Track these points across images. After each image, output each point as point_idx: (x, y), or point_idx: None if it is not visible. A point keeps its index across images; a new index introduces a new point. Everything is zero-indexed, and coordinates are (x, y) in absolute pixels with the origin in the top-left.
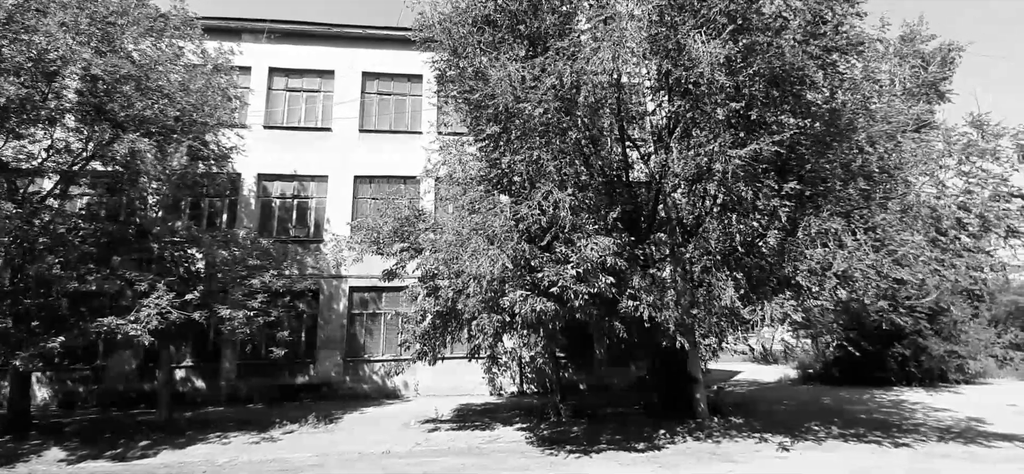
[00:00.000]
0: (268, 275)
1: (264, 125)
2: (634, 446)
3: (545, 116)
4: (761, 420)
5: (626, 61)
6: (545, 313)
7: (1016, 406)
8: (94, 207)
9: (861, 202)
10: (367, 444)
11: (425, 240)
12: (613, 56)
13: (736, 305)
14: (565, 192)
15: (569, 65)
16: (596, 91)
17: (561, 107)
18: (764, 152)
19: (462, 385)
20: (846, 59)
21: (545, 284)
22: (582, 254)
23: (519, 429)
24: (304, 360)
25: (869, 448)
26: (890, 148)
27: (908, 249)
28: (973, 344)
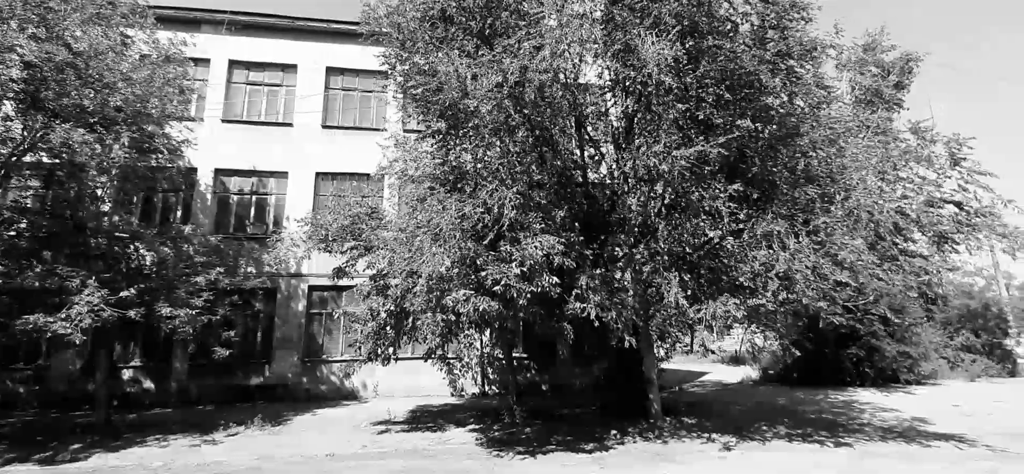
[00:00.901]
0: (215, 272)
1: (222, 119)
2: (582, 447)
3: (493, 113)
4: (714, 420)
5: (570, 60)
6: (489, 312)
7: (960, 407)
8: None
9: (805, 205)
10: (312, 447)
11: (376, 238)
12: (552, 53)
13: (682, 305)
14: (511, 190)
15: (514, 62)
16: (544, 90)
17: (510, 105)
18: (710, 154)
19: (422, 386)
20: (802, 64)
21: (489, 283)
22: (525, 252)
23: (471, 431)
24: (260, 360)
25: (811, 448)
26: (832, 153)
27: (847, 253)
28: (924, 346)
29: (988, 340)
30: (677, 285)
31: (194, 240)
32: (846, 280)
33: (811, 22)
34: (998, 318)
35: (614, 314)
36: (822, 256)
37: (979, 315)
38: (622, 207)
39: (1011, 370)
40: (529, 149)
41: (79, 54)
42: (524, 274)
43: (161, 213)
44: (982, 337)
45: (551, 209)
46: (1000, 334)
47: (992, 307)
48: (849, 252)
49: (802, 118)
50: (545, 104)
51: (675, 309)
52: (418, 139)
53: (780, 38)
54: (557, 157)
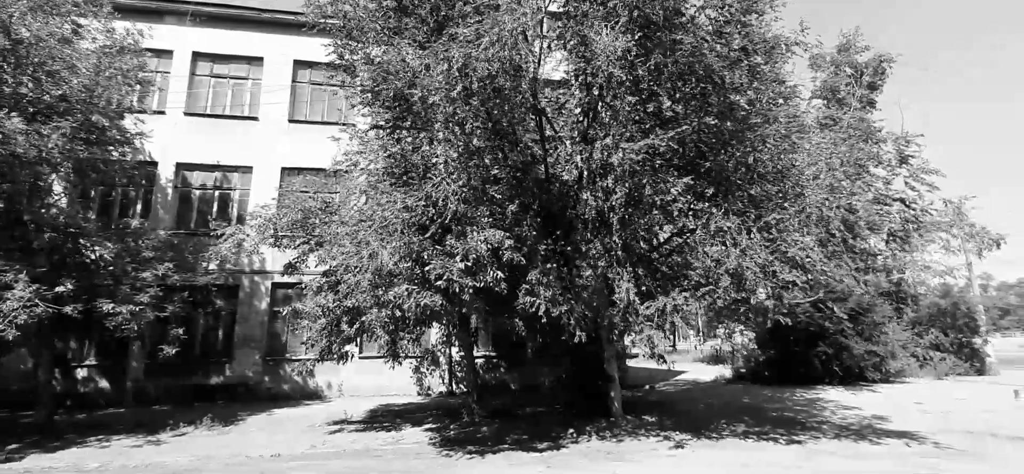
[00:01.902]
0: (163, 268)
1: (185, 112)
2: (535, 447)
3: (443, 105)
4: (675, 419)
5: (521, 51)
6: (432, 308)
7: (922, 404)
8: None
9: (759, 202)
10: (259, 447)
11: (327, 232)
12: (491, 42)
13: (633, 301)
14: (456, 183)
15: (457, 51)
16: (494, 80)
17: (459, 96)
18: (660, 147)
19: (389, 385)
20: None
21: (432, 278)
22: (467, 246)
23: (427, 430)
24: (221, 359)
25: (762, 445)
26: (784, 149)
27: (797, 250)
28: (891, 344)
29: (956, 338)
30: (628, 281)
31: (142, 235)
32: (794, 278)
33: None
34: (967, 317)
35: (565, 309)
36: (773, 253)
37: (948, 314)
38: (578, 203)
39: (979, 368)
40: (483, 142)
41: (20, 41)
42: (469, 269)
43: (120, 208)
44: (950, 336)
45: (504, 203)
46: (969, 333)
47: (962, 306)
48: (799, 249)
49: (756, 113)
50: (497, 96)
51: (626, 306)
52: (364, 131)
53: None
54: (513, 151)
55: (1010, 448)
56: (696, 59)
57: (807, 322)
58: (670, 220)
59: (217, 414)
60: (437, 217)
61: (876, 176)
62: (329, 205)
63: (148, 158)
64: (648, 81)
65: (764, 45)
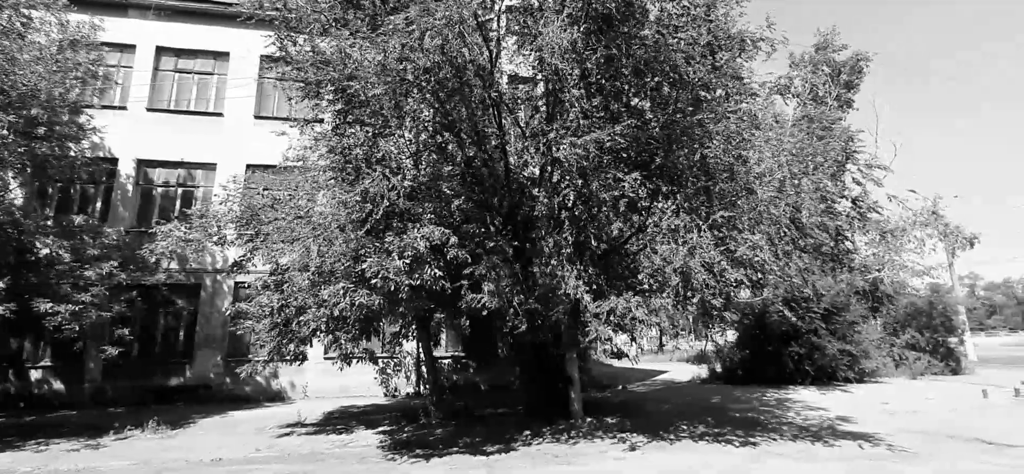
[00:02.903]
0: (108, 266)
1: (148, 108)
2: (484, 450)
3: (385, 98)
4: (637, 420)
5: (468, 43)
6: (370, 308)
7: (889, 405)
8: None
9: (710, 199)
10: (202, 451)
11: (273, 230)
12: (427, 31)
13: (582, 300)
14: (395, 177)
15: (397, 41)
16: (438, 72)
17: (400, 90)
18: (607, 142)
19: (354, 386)
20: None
21: (368, 276)
22: (404, 243)
23: (380, 433)
24: (181, 360)
25: (715, 448)
26: (737, 144)
27: (745, 249)
28: (865, 344)
29: (932, 338)
30: (576, 279)
31: (89, 232)
32: (741, 277)
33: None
34: (943, 317)
35: (513, 306)
36: (721, 252)
37: (924, 313)
38: (531, 198)
39: (955, 368)
40: (429, 137)
41: None
42: (408, 267)
43: (79, 205)
44: (926, 335)
45: (451, 200)
46: (944, 332)
47: (938, 306)
48: (747, 248)
49: (709, 109)
50: (442, 89)
51: (573, 305)
52: (301, 125)
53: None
54: (467, 146)
55: (963, 449)
56: (654, 54)
57: (780, 321)
58: (619, 217)
59: (169, 416)
60: (374, 214)
61: (824, 172)
62: (277, 201)
63: (108, 154)
64: (597, 75)
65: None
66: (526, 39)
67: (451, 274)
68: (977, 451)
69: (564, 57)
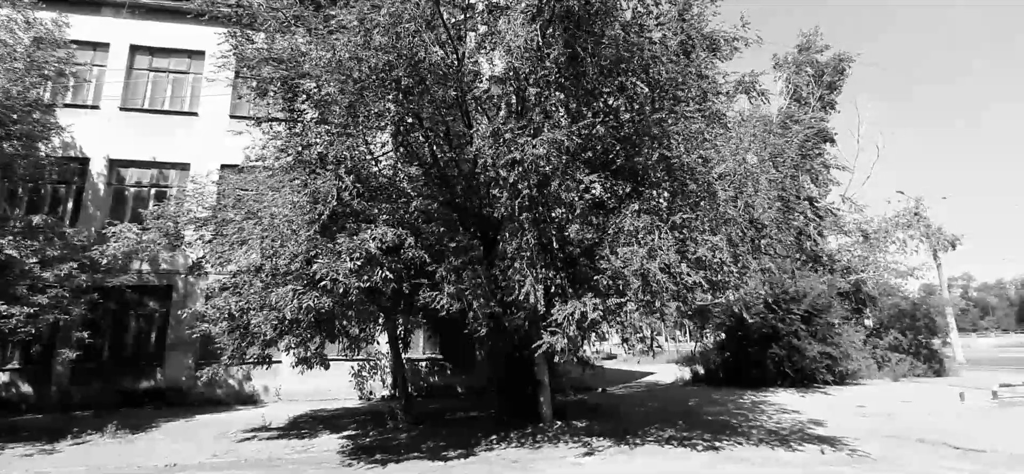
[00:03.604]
0: (67, 267)
1: (121, 107)
2: (445, 455)
3: (338, 95)
4: (607, 424)
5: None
6: (320, 309)
7: (865, 407)
8: None
9: (672, 200)
10: (158, 457)
11: (227, 232)
12: (369, 29)
13: (538, 302)
14: (348, 177)
15: (349, 39)
16: (391, 72)
17: (354, 87)
18: (564, 142)
19: (330, 388)
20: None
21: (317, 278)
22: (353, 245)
23: (344, 437)
24: (152, 364)
25: (677, 452)
26: (691, 147)
27: (704, 250)
28: (846, 345)
29: (915, 340)
30: (533, 282)
31: (49, 232)
32: (699, 280)
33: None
34: (927, 318)
35: (473, 310)
36: (681, 254)
37: (908, 315)
38: (495, 199)
39: (938, 370)
40: (394, 135)
41: None
42: (358, 268)
43: (50, 206)
44: (909, 337)
45: (411, 199)
46: (928, 334)
47: (921, 307)
48: (707, 249)
49: (668, 108)
50: (396, 88)
51: (532, 308)
52: (254, 123)
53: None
54: (432, 145)
55: (928, 455)
56: (624, 52)
57: (761, 323)
58: (579, 219)
59: (133, 421)
60: (323, 214)
61: (783, 170)
62: (241, 200)
63: (79, 154)
64: (557, 74)
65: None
66: (487, 38)
67: (411, 275)
68: (941, 456)
69: (523, 56)
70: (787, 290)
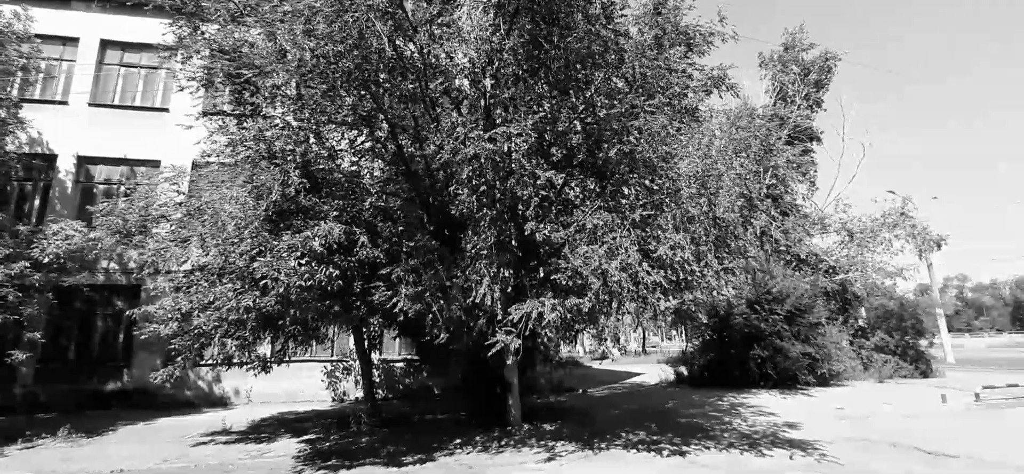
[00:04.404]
0: (19, 266)
1: (90, 102)
2: (403, 460)
3: (284, 88)
4: (580, 427)
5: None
6: (258, 309)
7: (844, 410)
8: None
9: (637, 196)
10: (108, 461)
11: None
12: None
13: (495, 303)
14: (293, 171)
15: (297, 29)
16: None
17: (302, 77)
18: (518, 136)
19: (302, 390)
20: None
21: (258, 277)
22: (294, 242)
23: (304, 441)
24: (119, 364)
25: (641, 457)
26: (655, 143)
27: (665, 249)
28: (829, 346)
29: (901, 340)
30: (489, 281)
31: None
32: (659, 279)
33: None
34: (914, 318)
35: (433, 310)
36: (642, 253)
37: (894, 316)
38: (452, 196)
39: (924, 371)
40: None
41: None
42: (299, 267)
43: (16, 203)
44: (896, 337)
45: (364, 195)
46: (914, 335)
47: (908, 307)
48: (668, 248)
49: (628, 102)
50: (348, 81)
51: (489, 309)
52: (200, 117)
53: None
54: (391, 140)
55: (896, 460)
56: (593, 46)
57: (743, 323)
58: (537, 217)
59: (92, 424)
60: (267, 210)
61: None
62: (188, 198)
63: (46, 150)
64: (515, 67)
65: (679, 35)
66: (446, 29)
67: (366, 275)
68: (909, 462)
69: (481, 48)
70: (770, 290)
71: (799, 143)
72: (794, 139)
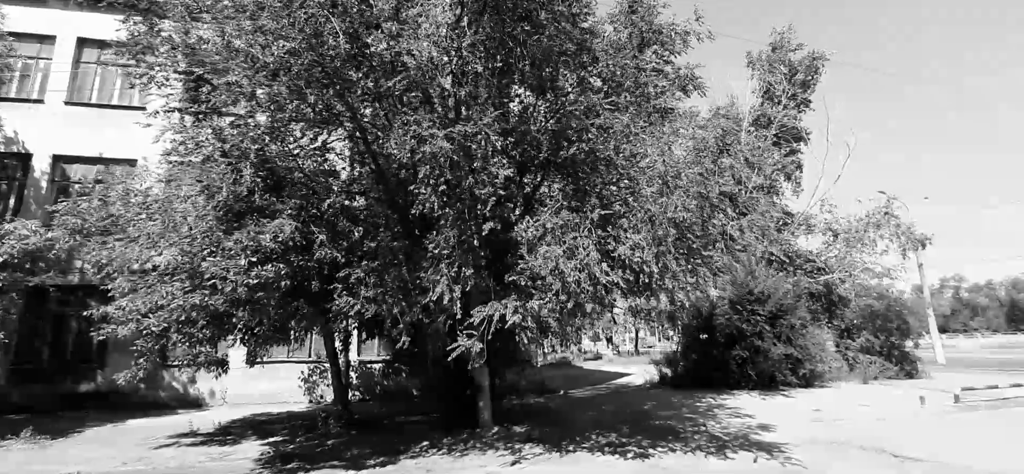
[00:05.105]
0: None
1: (66, 101)
2: (366, 463)
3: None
4: (552, 429)
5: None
6: (204, 308)
7: (820, 411)
8: None
9: (603, 197)
10: (66, 463)
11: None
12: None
13: (454, 305)
14: (247, 171)
15: (240, 22)
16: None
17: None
18: (475, 134)
19: (279, 392)
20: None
21: (207, 276)
22: (245, 241)
23: (269, 443)
24: (93, 365)
25: (605, 461)
26: (617, 141)
27: (624, 249)
28: (811, 347)
29: (886, 341)
30: (448, 282)
31: None
32: (616, 280)
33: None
34: (900, 319)
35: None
36: (602, 253)
37: (880, 316)
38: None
39: (909, 372)
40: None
41: None
42: (247, 266)
43: None
44: (881, 338)
45: (324, 195)
46: (899, 336)
47: (894, 308)
48: (628, 248)
49: (583, 97)
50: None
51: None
52: (158, 113)
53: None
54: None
55: (862, 463)
56: (566, 44)
57: (725, 324)
58: (495, 217)
59: (57, 425)
60: (216, 209)
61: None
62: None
63: (21, 149)
64: (473, 63)
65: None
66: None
67: (325, 276)
68: (875, 466)
69: (439, 45)
70: (751, 290)
71: (785, 143)
72: (781, 139)
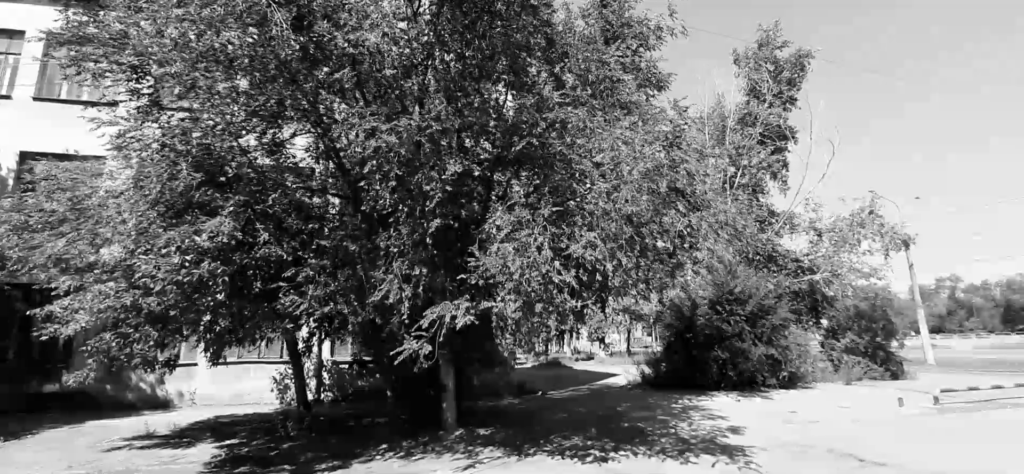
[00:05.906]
0: None
1: (34, 96)
2: (317, 467)
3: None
4: (518, 431)
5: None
6: (138, 309)
7: (796, 413)
8: None
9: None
10: (13, 467)
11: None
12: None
13: (402, 304)
14: (185, 165)
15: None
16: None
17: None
18: (424, 127)
19: (250, 393)
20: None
21: (138, 276)
22: (177, 239)
23: (223, 447)
24: (58, 365)
25: (565, 465)
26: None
27: (578, 247)
28: (793, 348)
29: (871, 341)
30: (398, 281)
31: None
32: (568, 280)
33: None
34: (885, 319)
35: (346, 312)
36: (553, 249)
37: (865, 316)
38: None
39: (894, 373)
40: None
41: None
42: (180, 265)
43: None
44: (866, 338)
45: (270, 190)
46: (884, 336)
47: (879, 309)
48: (581, 247)
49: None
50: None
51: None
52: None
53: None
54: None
55: (826, 469)
56: (530, 37)
57: (706, 324)
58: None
59: (14, 427)
60: (152, 205)
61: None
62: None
63: None
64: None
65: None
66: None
67: (271, 275)
68: (836, 471)
69: (387, 36)
70: (732, 290)
71: (771, 141)
72: (766, 138)
